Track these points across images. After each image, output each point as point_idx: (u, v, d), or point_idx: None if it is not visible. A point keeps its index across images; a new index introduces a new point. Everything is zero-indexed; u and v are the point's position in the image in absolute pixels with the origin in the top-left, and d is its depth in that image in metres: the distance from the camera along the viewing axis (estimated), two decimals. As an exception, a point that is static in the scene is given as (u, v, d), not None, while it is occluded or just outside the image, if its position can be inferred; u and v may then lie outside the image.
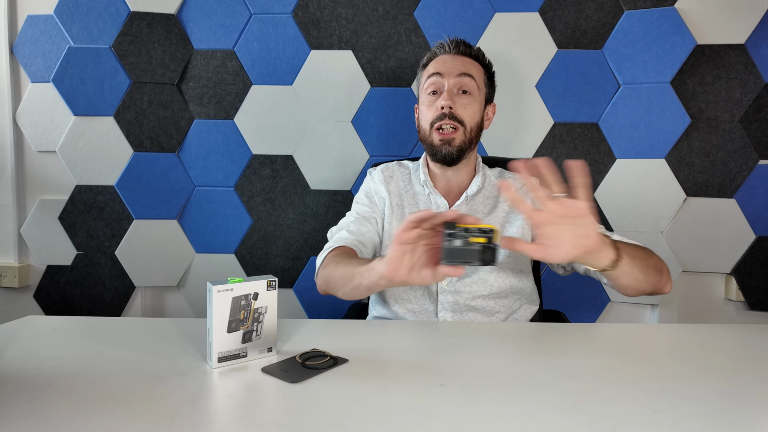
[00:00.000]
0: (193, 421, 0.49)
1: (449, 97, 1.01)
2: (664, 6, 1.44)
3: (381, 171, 1.13)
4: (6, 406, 0.52)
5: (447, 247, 0.62)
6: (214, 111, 1.54)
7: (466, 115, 1.01)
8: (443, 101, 1.01)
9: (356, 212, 1.09)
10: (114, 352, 0.69)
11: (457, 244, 0.62)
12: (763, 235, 1.46)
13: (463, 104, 1.02)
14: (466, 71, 1.02)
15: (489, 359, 0.67)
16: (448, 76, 1.02)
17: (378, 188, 1.11)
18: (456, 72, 1.02)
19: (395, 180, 1.11)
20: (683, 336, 0.79)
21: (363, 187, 1.15)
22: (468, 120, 1.02)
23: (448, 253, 0.62)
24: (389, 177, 1.12)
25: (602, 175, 1.50)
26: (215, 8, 1.51)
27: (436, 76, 1.04)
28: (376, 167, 1.16)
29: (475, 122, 1.03)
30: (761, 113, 1.44)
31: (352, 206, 1.12)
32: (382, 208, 1.09)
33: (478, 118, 1.04)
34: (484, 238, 0.62)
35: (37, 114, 1.54)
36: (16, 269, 1.56)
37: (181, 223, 1.57)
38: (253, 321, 0.65)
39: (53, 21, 1.51)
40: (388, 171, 1.13)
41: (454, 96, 1.02)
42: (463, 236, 0.62)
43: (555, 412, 0.52)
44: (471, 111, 1.02)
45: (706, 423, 0.50)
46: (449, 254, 0.62)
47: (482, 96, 1.06)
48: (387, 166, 1.15)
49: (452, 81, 1.02)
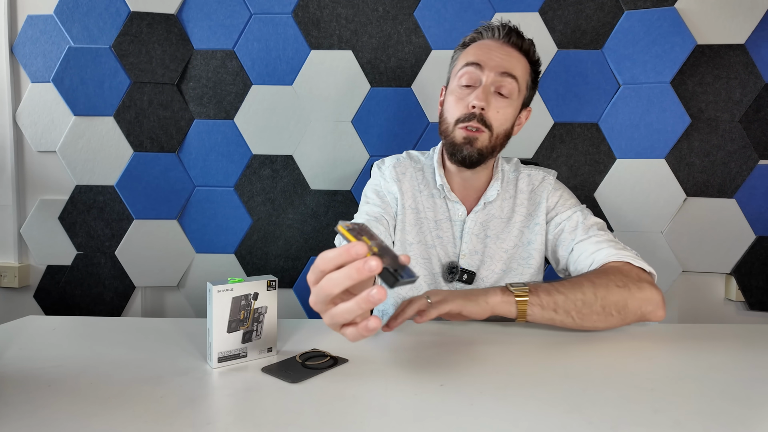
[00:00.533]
0: (193, 421, 0.49)
1: (484, 96, 0.87)
2: (664, 6, 1.44)
3: (393, 167, 1.01)
4: (6, 406, 0.52)
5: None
6: (214, 111, 1.54)
7: (496, 121, 0.89)
8: (476, 100, 0.87)
9: (366, 213, 0.96)
10: (114, 352, 0.69)
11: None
12: (763, 235, 1.46)
13: (497, 108, 0.88)
14: (509, 70, 0.88)
15: (489, 359, 0.67)
16: (489, 70, 0.88)
17: (390, 187, 1.00)
18: (498, 69, 0.88)
19: (408, 177, 1.00)
20: (683, 336, 0.79)
21: (372, 184, 1.03)
22: (497, 126, 0.89)
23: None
24: (402, 174, 1.01)
25: (602, 175, 1.50)
26: (215, 8, 1.51)
27: (475, 67, 0.89)
28: (385, 161, 1.05)
29: (503, 129, 0.91)
30: (761, 113, 1.44)
31: (360, 206, 1.01)
32: (395, 207, 0.99)
33: (507, 125, 0.91)
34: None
35: (37, 114, 1.54)
36: (16, 269, 1.56)
37: (181, 223, 1.57)
38: (253, 321, 0.65)
39: (53, 21, 1.51)
40: (400, 167, 1.02)
41: (489, 95, 0.88)
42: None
43: (555, 412, 0.52)
44: (503, 117, 0.89)
45: (706, 423, 0.50)
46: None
47: (520, 100, 0.92)
48: (398, 160, 1.03)
49: (491, 78, 0.88)
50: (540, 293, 0.75)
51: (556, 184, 1.00)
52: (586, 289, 0.75)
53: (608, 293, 0.75)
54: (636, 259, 0.83)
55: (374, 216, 0.95)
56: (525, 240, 0.97)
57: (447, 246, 0.97)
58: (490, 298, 0.75)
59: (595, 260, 0.85)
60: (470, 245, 0.96)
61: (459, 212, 0.97)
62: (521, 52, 0.91)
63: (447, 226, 0.98)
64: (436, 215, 0.98)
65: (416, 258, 0.97)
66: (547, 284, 0.77)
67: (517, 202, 0.98)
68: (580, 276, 0.79)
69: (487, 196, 0.96)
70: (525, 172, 1.01)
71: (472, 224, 0.97)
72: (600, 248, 0.86)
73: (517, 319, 0.75)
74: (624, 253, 0.84)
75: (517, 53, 0.90)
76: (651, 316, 0.77)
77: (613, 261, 0.83)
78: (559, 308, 0.74)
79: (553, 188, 0.98)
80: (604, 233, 0.90)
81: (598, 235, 0.89)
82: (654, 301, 0.77)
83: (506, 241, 0.97)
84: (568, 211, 0.95)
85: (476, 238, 0.97)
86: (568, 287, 0.75)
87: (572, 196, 0.99)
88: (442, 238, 0.97)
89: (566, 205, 0.96)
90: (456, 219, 0.98)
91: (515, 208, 0.98)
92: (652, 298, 0.77)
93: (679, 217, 1.49)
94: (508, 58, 0.89)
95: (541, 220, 0.96)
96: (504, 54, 0.89)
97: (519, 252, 0.97)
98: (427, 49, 1.51)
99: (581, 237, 0.90)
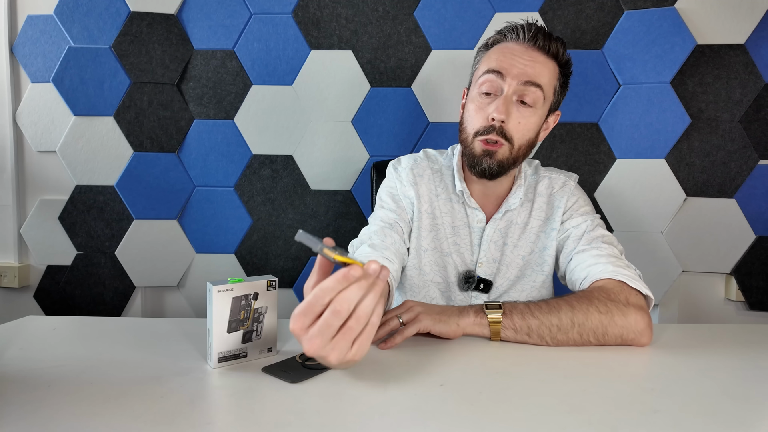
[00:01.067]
0: (193, 421, 0.49)
1: (504, 107, 0.82)
2: (664, 6, 1.44)
3: (410, 169, 0.97)
4: (6, 406, 0.52)
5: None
6: (214, 111, 1.54)
7: (518, 132, 0.84)
8: (495, 112, 0.82)
9: (380, 219, 0.92)
10: (114, 352, 0.69)
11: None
12: (763, 235, 1.46)
13: (519, 118, 0.83)
14: (534, 79, 0.82)
15: (489, 359, 0.67)
16: (512, 79, 0.82)
17: (407, 191, 0.95)
18: (522, 78, 0.82)
19: (426, 180, 0.96)
20: (683, 336, 0.79)
21: (387, 187, 0.98)
22: (518, 137, 0.84)
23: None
24: (419, 176, 0.96)
25: (602, 175, 1.50)
26: (215, 8, 1.51)
27: (496, 75, 0.83)
28: (401, 162, 1.00)
29: (526, 139, 0.85)
30: (761, 113, 1.44)
31: (375, 210, 0.97)
32: (411, 213, 0.95)
33: (531, 135, 0.86)
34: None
35: (37, 114, 1.54)
36: (16, 269, 1.56)
37: (181, 223, 1.57)
38: (253, 321, 0.65)
39: (53, 21, 1.51)
40: (417, 169, 0.97)
41: (511, 106, 0.82)
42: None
43: (555, 412, 0.52)
44: (525, 127, 0.84)
45: (706, 423, 0.50)
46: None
47: (546, 107, 0.86)
48: (416, 161, 0.98)
49: (514, 87, 0.82)
50: (514, 316, 0.73)
51: (576, 189, 0.96)
52: (563, 314, 0.72)
53: (587, 319, 0.72)
54: (633, 279, 0.77)
55: (388, 223, 0.91)
56: (540, 246, 0.94)
57: (464, 253, 0.94)
58: (462, 320, 0.74)
59: (590, 274, 0.82)
60: (488, 253, 0.94)
61: (478, 219, 0.94)
62: (549, 56, 0.84)
63: (465, 232, 0.94)
64: (453, 221, 0.95)
65: (431, 265, 0.95)
66: (523, 305, 0.74)
67: (535, 207, 0.94)
68: (561, 298, 0.76)
69: (509, 203, 0.92)
70: (545, 175, 0.97)
71: (491, 231, 0.93)
72: (597, 262, 0.82)
73: (492, 339, 0.74)
74: (621, 271, 0.79)
75: (543, 57, 0.83)
76: (634, 343, 0.73)
77: (606, 278, 0.79)
78: (532, 333, 0.72)
79: (571, 193, 0.95)
80: (608, 247, 0.85)
81: (600, 248, 0.85)
82: (636, 329, 0.72)
83: (523, 248, 0.94)
84: (579, 218, 0.91)
85: (494, 245, 0.94)
86: (545, 311, 0.73)
87: (588, 204, 0.95)
88: (458, 245, 0.94)
89: (579, 211, 0.92)
90: (475, 226, 0.94)
91: (532, 213, 0.94)
92: (634, 326, 0.72)
93: (679, 217, 1.49)
94: (533, 64, 0.82)
95: (557, 225, 0.93)
96: (528, 60, 0.82)
97: (534, 258, 0.94)
98: (427, 49, 1.51)
99: (582, 247, 0.87)
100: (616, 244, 0.88)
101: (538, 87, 0.82)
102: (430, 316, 0.74)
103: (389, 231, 0.89)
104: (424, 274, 0.95)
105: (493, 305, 0.75)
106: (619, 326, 0.72)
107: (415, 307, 0.76)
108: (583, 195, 0.96)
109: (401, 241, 0.90)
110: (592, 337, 0.72)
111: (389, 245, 0.86)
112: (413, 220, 0.95)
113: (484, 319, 0.74)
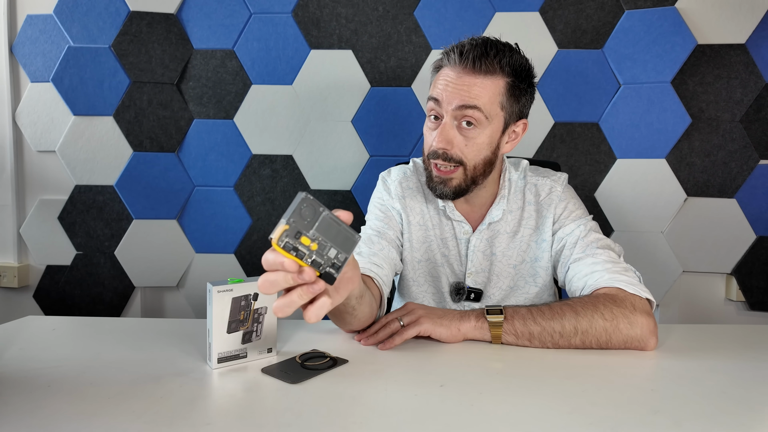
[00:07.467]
0: (193, 422, 0.49)
1: (442, 137, 0.82)
2: (664, 6, 1.44)
3: (399, 183, 0.97)
4: (6, 406, 0.52)
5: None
6: (214, 111, 1.54)
7: (468, 153, 0.83)
8: (434, 142, 0.83)
9: (369, 228, 0.94)
10: (114, 352, 0.69)
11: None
12: (763, 235, 1.46)
13: (463, 141, 0.83)
14: (469, 102, 0.80)
15: (489, 359, 0.67)
16: (447, 105, 0.82)
17: (393, 203, 0.96)
18: (456, 103, 0.81)
19: (415, 193, 0.97)
20: (683, 336, 0.79)
21: (376, 198, 0.99)
22: (470, 158, 0.84)
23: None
24: (407, 189, 0.97)
25: (602, 175, 1.50)
26: (215, 8, 1.51)
27: (434, 103, 0.84)
28: (391, 174, 1.00)
29: (481, 158, 0.84)
30: (762, 113, 1.44)
31: (367, 218, 0.99)
32: (399, 221, 0.96)
33: (487, 152, 0.85)
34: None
35: (36, 114, 1.54)
36: (15, 269, 1.56)
37: (180, 223, 1.57)
38: (253, 321, 0.65)
39: (53, 21, 1.51)
40: (406, 182, 0.97)
41: (450, 132, 0.82)
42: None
43: (555, 412, 0.52)
44: (474, 147, 0.83)
45: (706, 423, 0.50)
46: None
47: (499, 120, 0.84)
48: (404, 174, 0.99)
49: (451, 113, 0.82)
50: (515, 321, 0.72)
51: (563, 193, 0.93)
52: (566, 320, 0.71)
53: (591, 326, 0.71)
54: (631, 284, 0.76)
55: (377, 231, 0.92)
56: (531, 256, 0.93)
57: (453, 264, 0.95)
58: (462, 324, 0.74)
59: (587, 284, 0.81)
60: (476, 263, 0.93)
61: (464, 230, 0.93)
62: (487, 74, 0.81)
63: (453, 244, 0.95)
64: (442, 233, 0.95)
65: (425, 276, 0.96)
66: (525, 310, 0.74)
67: (524, 215, 0.93)
68: (565, 302, 0.75)
69: (492, 215, 0.92)
70: (532, 181, 0.95)
71: (477, 242, 0.93)
72: (594, 270, 0.81)
73: (492, 342, 0.74)
74: (618, 277, 0.77)
75: (481, 78, 0.81)
76: (639, 349, 0.73)
77: (603, 287, 0.77)
78: (534, 338, 0.72)
79: (559, 199, 0.92)
80: (603, 252, 0.83)
81: (595, 254, 0.83)
82: (641, 336, 0.72)
83: (513, 257, 0.93)
84: (571, 224, 0.89)
85: (482, 255, 0.93)
86: (548, 317, 0.72)
87: (579, 206, 0.93)
88: (448, 256, 0.95)
89: (570, 217, 0.90)
90: (461, 237, 0.94)
91: (522, 221, 0.93)
92: (640, 334, 0.71)
93: (679, 217, 1.49)
94: (468, 89, 0.81)
95: (547, 236, 0.91)
96: (463, 84, 0.81)
97: (525, 268, 0.93)
98: (427, 49, 1.51)
99: (577, 255, 0.85)
100: (613, 246, 0.86)
101: (476, 108, 0.81)
102: (431, 319, 0.74)
103: (377, 239, 0.90)
104: (420, 284, 0.97)
105: (494, 310, 0.74)
106: (624, 334, 0.72)
107: (416, 309, 0.76)
108: (573, 197, 0.94)
109: (390, 248, 0.91)
110: (596, 344, 0.72)
111: (377, 251, 0.88)
112: (403, 232, 0.96)
113: (485, 324, 0.74)
